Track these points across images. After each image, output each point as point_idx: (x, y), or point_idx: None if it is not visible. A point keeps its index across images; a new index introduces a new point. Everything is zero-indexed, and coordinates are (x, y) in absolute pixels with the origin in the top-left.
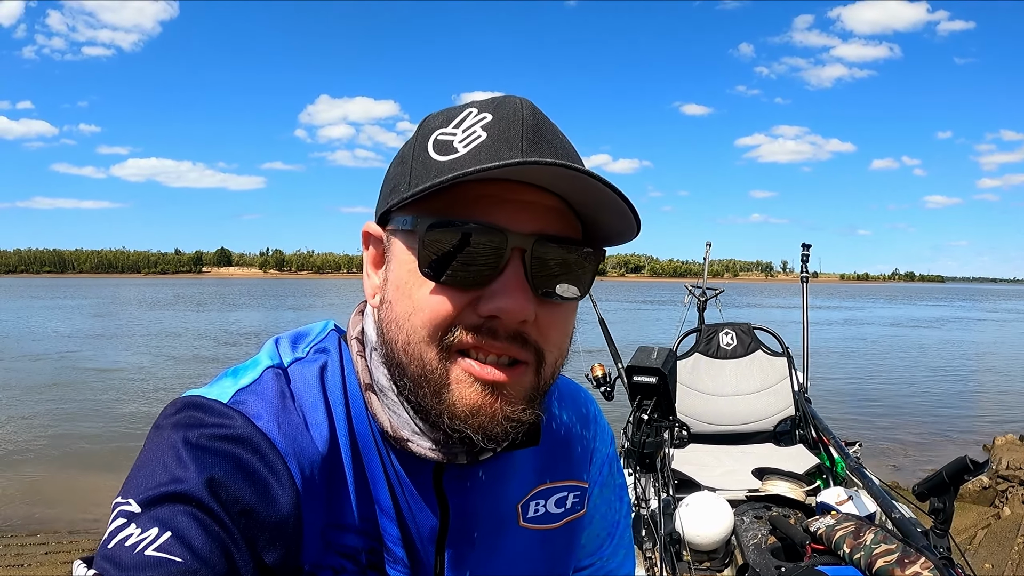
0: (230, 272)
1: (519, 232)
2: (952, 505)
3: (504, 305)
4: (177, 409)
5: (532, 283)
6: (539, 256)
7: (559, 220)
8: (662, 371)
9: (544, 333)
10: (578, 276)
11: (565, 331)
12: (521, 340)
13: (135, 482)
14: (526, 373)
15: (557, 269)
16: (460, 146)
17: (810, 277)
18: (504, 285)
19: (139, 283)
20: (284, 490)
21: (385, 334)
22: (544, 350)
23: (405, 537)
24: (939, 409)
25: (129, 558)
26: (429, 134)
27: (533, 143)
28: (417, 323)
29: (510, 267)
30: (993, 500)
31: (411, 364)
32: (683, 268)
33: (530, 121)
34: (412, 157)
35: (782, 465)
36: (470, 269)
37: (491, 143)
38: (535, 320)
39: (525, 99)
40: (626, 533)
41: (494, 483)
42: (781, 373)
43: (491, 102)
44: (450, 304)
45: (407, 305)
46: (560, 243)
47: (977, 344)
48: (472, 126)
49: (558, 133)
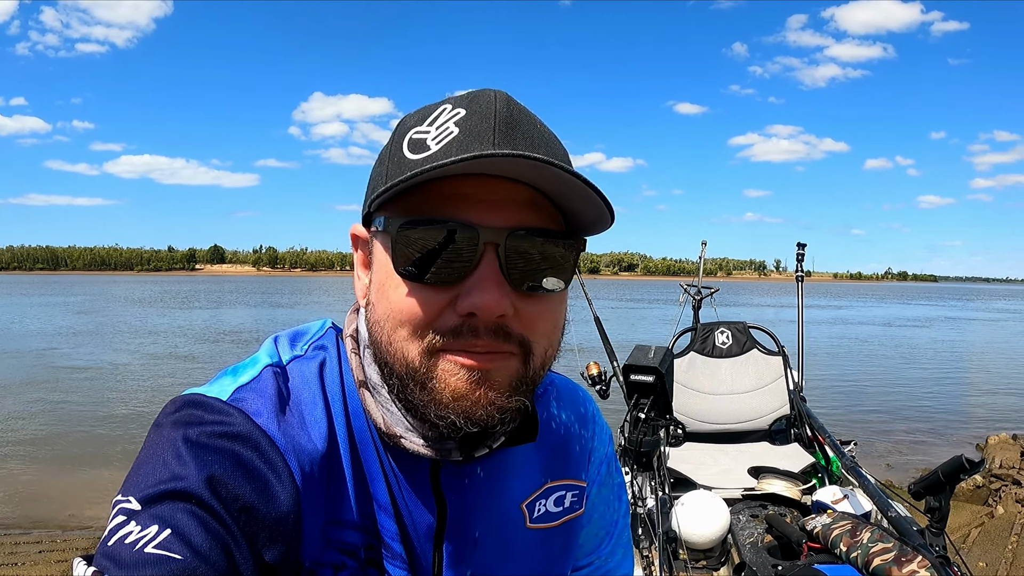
0: (223, 269)
1: (491, 227)
2: (948, 504)
3: (479, 301)
4: (177, 407)
5: (509, 277)
6: (514, 249)
7: (534, 212)
8: (659, 370)
9: (529, 324)
10: (558, 267)
11: (553, 322)
12: (504, 334)
13: (135, 480)
14: (511, 360)
15: (535, 262)
16: (432, 143)
17: (804, 276)
18: (479, 281)
19: (132, 280)
20: (284, 487)
21: (372, 335)
22: (531, 340)
23: (403, 533)
24: (933, 408)
25: (129, 555)
26: (404, 133)
27: (505, 135)
28: (396, 323)
29: (484, 262)
30: (987, 499)
31: (396, 363)
32: (676, 266)
33: (503, 113)
34: (388, 158)
35: (778, 464)
36: (444, 267)
37: (462, 138)
38: (517, 313)
39: (500, 91)
40: (624, 532)
41: (493, 481)
42: (776, 372)
43: (466, 97)
44: (428, 305)
45: (386, 307)
46: (535, 235)
47: (970, 344)
48: (445, 123)
49: (535, 122)
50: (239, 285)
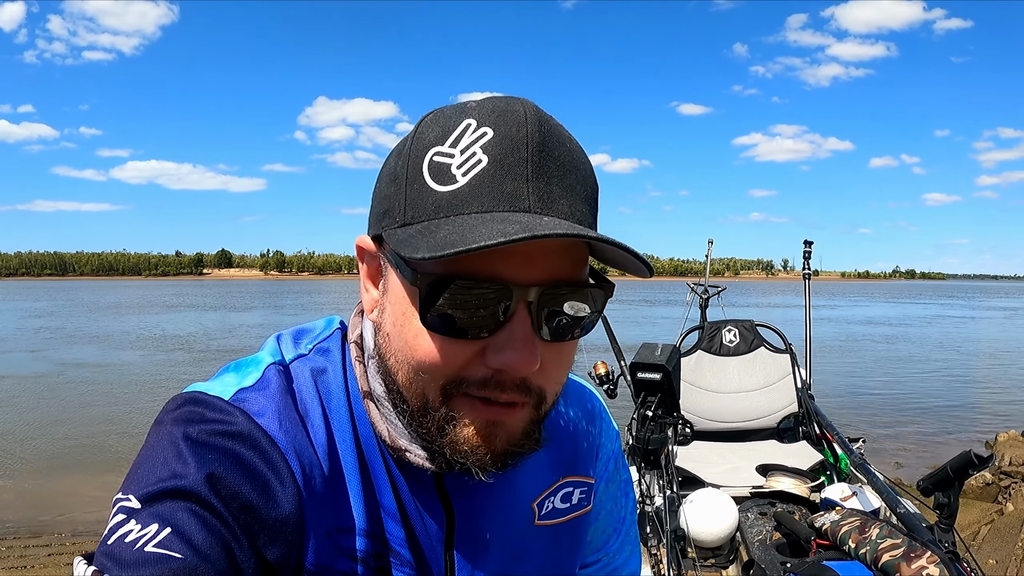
0: (231, 274)
1: (524, 283)
2: (957, 500)
3: (511, 360)
4: (178, 405)
5: (539, 331)
6: (548, 306)
7: (566, 259)
8: (666, 368)
9: (548, 375)
10: (589, 317)
11: (568, 365)
12: (525, 388)
13: (135, 478)
14: (525, 409)
15: (567, 316)
16: (459, 173)
17: (811, 274)
18: (510, 339)
19: (140, 285)
20: (285, 487)
21: (384, 360)
22: (546, 391)
23: (411, 539)
24: (941, 406)
25: (129, 554)
26: (423, 151)
27: (539, 168)
28: (416, 368)
29: (516, 319)
30: (996, 496)
31: (412, 399)
32: (684, 267)
33: (536, 139)
34: (406, 179)
35: (786, 461)
36: (474, 322)
37: (492, 171)
38: (541, 364)
39: (528, 104)
40: (632, 529)
41: (502, 482)
42: (784, 370)
43: (491, 112)
44: (455, 358)
45: (406, 350)
46: (568, 287)
47: (979, 341)
48: (471, 145)
49: (565, 144)
50: (247, 289)
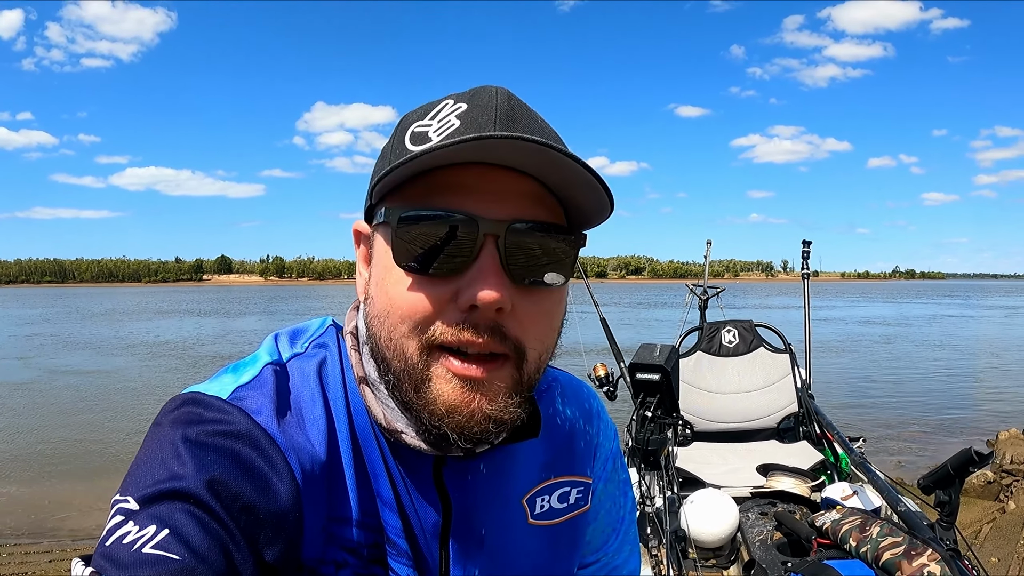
0: (231, 279)
1: (492, 218)
2: (958, 497)
3: (479, 293)
4: (176, 405)
5: (508, 271)
6: (514, 242)
7: (536, 205)
8: (665, 368)
9: (524, 326)
10: (559, 262)
11: (549, 323)
12: (500, 334)
13: (134, 479)
14: (504, 367)
15: (535, 256)
16: (434, 135)
17: (811, 274)
18: (479, 272)
19: (139, 292)
20: (284, 486)
21: (371, 330)
22: (525, 345)
23: (407, 530)
24: (942, 404)
25: (127, 556)
26: (406, 127)
27: (506, 127)
28: (396, 319)
29: (484, 254)
30: (998, 494)
31: (394, 359)
32: (683, 269)
33: (504, 107)
34: (390, 151)
35: (786, 461)
36: (444, 259)
37: (463, 129)
38: (514, 311)
39: (501, 87)
40: (631, 529)
41: (496, 477)
42: (784, 370)
43: (467, 92)
44: (428, 299)
45: (386, 302)
46: (535, 228)
47: (979, 340)
48: (447, 116)
49: (535, 117)
50: (248, 295)
